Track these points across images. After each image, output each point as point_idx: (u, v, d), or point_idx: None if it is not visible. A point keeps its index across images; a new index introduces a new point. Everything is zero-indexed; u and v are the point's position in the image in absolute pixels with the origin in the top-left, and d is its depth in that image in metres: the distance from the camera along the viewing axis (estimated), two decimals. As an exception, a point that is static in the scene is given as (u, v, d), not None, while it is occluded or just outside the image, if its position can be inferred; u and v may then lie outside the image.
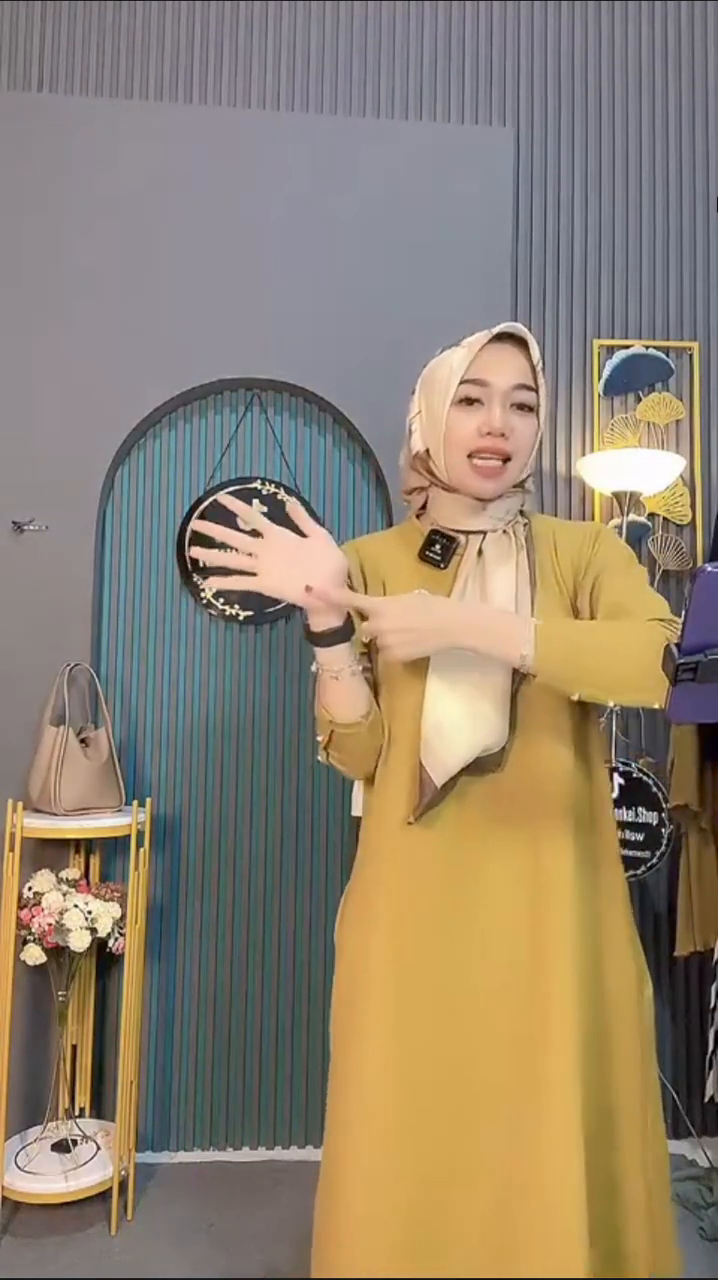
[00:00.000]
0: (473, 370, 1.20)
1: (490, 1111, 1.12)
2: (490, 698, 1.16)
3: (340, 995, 1.23)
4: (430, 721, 1.16)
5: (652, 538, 2.65)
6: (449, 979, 1.16)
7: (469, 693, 1.16)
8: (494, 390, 1.19)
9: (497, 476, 1.21)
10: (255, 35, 2.71)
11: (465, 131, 2.65)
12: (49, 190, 2.49)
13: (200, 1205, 2.21)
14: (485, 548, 1.24)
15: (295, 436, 2.62)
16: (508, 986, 1.15)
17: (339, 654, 1.16)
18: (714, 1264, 2.01)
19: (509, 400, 1.20)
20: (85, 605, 2.43)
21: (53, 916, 2.06)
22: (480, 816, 1.18)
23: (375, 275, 2.55)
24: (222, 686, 2.55)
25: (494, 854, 1.17)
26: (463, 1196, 1.12)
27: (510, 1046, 1.13)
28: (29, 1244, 2.03)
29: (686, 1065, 2.55)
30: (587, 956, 1.16)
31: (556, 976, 1.13)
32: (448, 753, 1.14)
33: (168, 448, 2.60)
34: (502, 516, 1.26)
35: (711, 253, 2.76)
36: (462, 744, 1.14)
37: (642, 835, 2.39)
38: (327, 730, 1.21)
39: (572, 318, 2.73)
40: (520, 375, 1.20)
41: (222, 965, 2.49)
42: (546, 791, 1.18)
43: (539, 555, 1.26)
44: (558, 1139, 1.08)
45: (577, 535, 1.29)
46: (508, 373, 1.20)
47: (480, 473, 1.20)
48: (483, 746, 1.15)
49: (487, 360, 1.20)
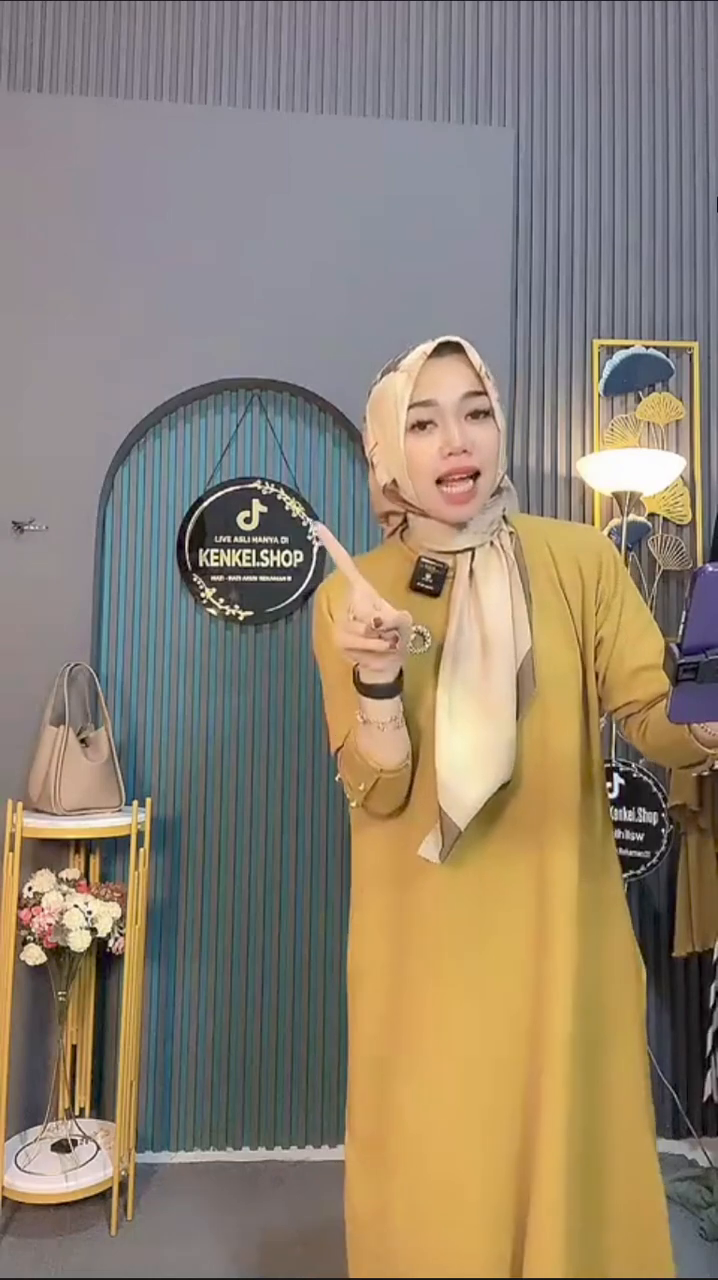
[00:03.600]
0: (418, 392, 1.14)
1: (501, 1127, 1.14)
2: (501, 731, 1.14)
3: (372, 1012, 1.23)
4: (445, 760, 1.14)
5: (652, 538, 2.65)
6: (467, 995, 1.16)
7: (479, 729, 1.14)
8: (444, 407, 1.14)
9: (470, 500, 1.15)
10: (255, 35, 2.71)
11: (465, 131, 2.65)
12: (49, 190, 2.49)
13: (200, 1205, 2.21)
14: (476, 568, 1.19)
15: (295, 436, 2.62)
16: (515, 1005, 1.15)
17: (393, 705, 1.11)
18: (714, 1264, 2.01)
19: (462, 412, 1.15)
20: (85, 605, 2.43)
21: (53, 916, 2.06)
22: (492, 834, 1.17)
23: (376, 275, 2.55)
24: (222, 686, 2.55)
25: (504, 870, 1.17)
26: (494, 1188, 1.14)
27: (511, 1062, 1.14)
28: (29, 1244, 2.03)
29: (685, 1065, 2.55)
30: (589, 967, 1.16)
31: (557, 988, 1.13)
32: (468, 791, 1.13)
33: (168, 448, 2.60)
34: (485, 530, 1.21)
35: (711, 253, 2.76)
36: (480, 782, 1.13)
37: (642, 835, 2.39)
38: (372, 779, 1.16)
39: (572, 318, 2.73)
40: (467, 383, 1.15)
41: (221, 965, 2.49)
42: (554, 805, 1.17)
43: (533, 563, 1.22)
44: (546, 1158, 1.10)
45: (576, 543, 1.25)
46: (454, 385, 1.15)
47: (453, 500, 1.15)
48: (501, 781, 1.14)
49: (429, 378, 1.15)
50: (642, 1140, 1.19)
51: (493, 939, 1.16)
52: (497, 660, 1.15)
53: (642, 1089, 1.21)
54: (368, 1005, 1.23)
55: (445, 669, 1.16)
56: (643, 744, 1.19)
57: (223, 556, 2.56)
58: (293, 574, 2.56)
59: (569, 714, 1.19)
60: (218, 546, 2.56)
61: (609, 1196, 1.16)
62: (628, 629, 1.21)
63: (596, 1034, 1.16)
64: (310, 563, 2.56)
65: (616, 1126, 1.17)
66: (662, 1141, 2.53)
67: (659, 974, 2.58)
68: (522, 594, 1.19)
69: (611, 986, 1.19)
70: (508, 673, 1.15)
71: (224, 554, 2.56)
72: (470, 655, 1.16)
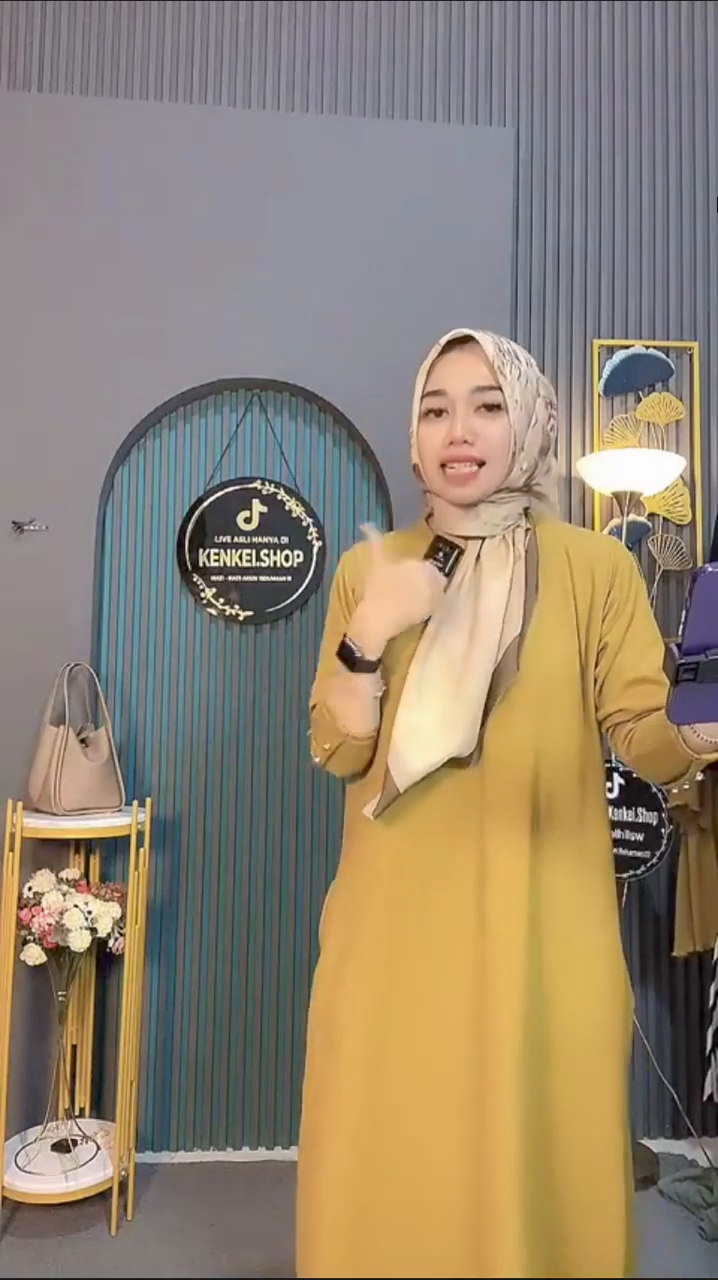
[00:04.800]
0: (431, 382, 1.21)
1: (451, 1111, 1.15)
2: (466, 708, 1.16)
3: (324, 983, 1.26)
4: (402, 726, 1.17)
5: (652, 538, 2.65)
6: (413, 977, 1.18)
7: (444, 703, 1.17)
8: (453, 398, 1.20)
9: (469, 482, 1.20)
10: (255, 35, 2.71)
11: (466, 132, 2.65)
12: (48, 190, 2.49)
13: (200, 1205, 2.21)
14: (483, 556, 1.23)
15: (295, 436, 2.62)
16: (457, 989, 1.16)
17: (371, 681, 1.19)
18: (714, 1264, 2.01)
19: (471, 405, 1.19)
20: (85, 605, 2.43)
21: (53, 916, 2.06)
22: (447, 813, 1.20)
23: (375, 275, 2.55)
24: (222, 686, 2.55)
25: (451, 851, 1.19)
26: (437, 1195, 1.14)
27: (464, 1050, 1.15)
28: (29, 1244, 2.03)
29: (685, 1065, 2.56)
30: (533, 957, 1.15)
31: (500, 977, 1.14)
32: (415, 758, 1.16)
33: (168, 448, 2.60)
34: (498, 523, 1.24)
35: (711, 253, 2.76)
36: (429, 752, 1.16)
37: (642, 835, 2.39)
38: (337, 741, 1.23)
39: (572, 318, 2.73)
40: (479, 378, 1.19)
41: (221, 965, 2.49)
42: (524, 793, 1.18)
43: (547, 565, 1.24)
44: (497, 1144, 1.11)
45: (594, 550, 1.27)
46: (464, 377, 1.19)
47: (453, 481, 1.20)
48: (450, 754, 1.17)
49: (443, 370, 1.21)
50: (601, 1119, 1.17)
51: (434, 914, 1.18)
52: (482, 641, 1.17)
53: (601, 1080, 1.18)
54: (324, 960, 1.28)
55: (425, 641, 1.19)
56: (628, 753, 1.20)
57: (223, 556, 2.56)
58: (293, 574, 2.56)
59: (562, 710, 1.20)
60: (218, 546, 2.56)
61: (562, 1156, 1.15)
62: (634, 641, 1.22)
63: (540, 1020, 1.15)
64: (310, 563, 2.56)
65: (572, 1129, 1.15)
66: (662, 1141, 2.53)
67: (659, 974, 2.58)
68: (523, 586, 1.20)
69: (572, 980, 1.17)
70: (489, 655, 1.17)
71: (224, 554, 2.56)
72: (457, 632, 1.19)
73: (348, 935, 1.24)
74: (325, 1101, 1.20)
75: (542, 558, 1.24)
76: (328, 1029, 1.22)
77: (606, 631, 1.23)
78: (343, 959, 1.24)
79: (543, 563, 1.24)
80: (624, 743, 1.20)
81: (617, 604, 1.23)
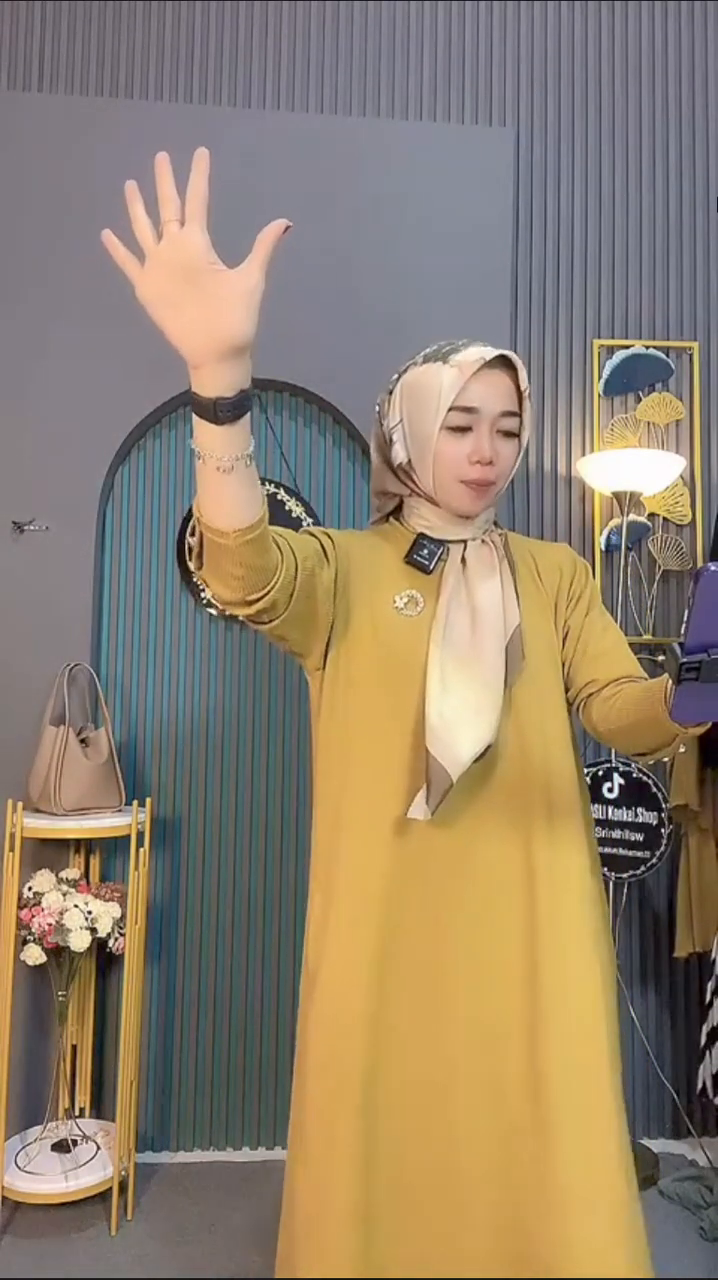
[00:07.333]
0: (464, 397, 1.20)
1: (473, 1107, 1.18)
2: (491, 695, 1.18)
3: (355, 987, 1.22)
4: (435, 711, 1.16)
5: (652, 538, 2.65)
6: (458, 973, 1.18)
7: (469, 691, 1.18)
8: (484, 418, 1.21)
9: (484, 497, 1.24)
10: (255, 35, 2.71)
11: (465, 131, 2.65)
12: (48, 190, 2.49)
13: (200, 1205, 2.21)
14: (468, 556, 1.27)
15: (295, 436, 2.62)
16: (507, 985, 1.18)
17: (241, 432, 0.94)
18: (714, 1264, 2.01)
19: (496, 427, 1.22)
20: (85, 605, 2.43)
21: (53, 916, 2.06)
22: (470, 808, 1.20)
23: (375, 275, 2.55)
24: (222, 686, 2.55)
25: (487, 842, 1.20)
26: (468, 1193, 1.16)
27: (487, 1041, 1.18)
28: (29, 1244, 2.03)
29: (685, 1065, 2.56)
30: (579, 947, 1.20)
31: (547, 973, 1.17)
32: (466, 745, 1.15)
33: (168, 448, 2.60)
34: (481, 526, 1.30)
35: (711, 253, 2.77)
36: (468, 738, 1.15)
37: (642, 835, 2.39)
38: (218, 539, 1.01)
39: (572, 318, 2.73)
40: (508, 402, 1.22)
41: (222, 965, 2.49)
42: (535, 782, 1.22)
43: (520, 570, 1.31)
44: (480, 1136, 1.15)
45: (554, 554, 1.36)
46: (498, 400, 1.21)
47: (470, 493, 1.23)
48: (485, 742, 1.16)
49: (478, 387, 1.20)
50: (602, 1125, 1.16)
51: (481, 912, 1.19)
52: (486, 633, 1.21)
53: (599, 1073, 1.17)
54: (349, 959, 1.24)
55: (438, 632, 1.21)
56: (605, 724, 1.20)
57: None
58: (293, 574, 2.56)
59: (557, 695, 1.28)
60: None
61: None
62: (595, 621, 1.32)
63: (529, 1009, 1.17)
64: (310, 563, 2.56)
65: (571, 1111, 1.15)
66: (662, 1141, 2.53)
67: (659, 974, 2.58)
68: (511, 580, 1.27)
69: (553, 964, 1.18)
70: (497, 645, 1.20)
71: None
72: (460, 627, 1.22)
73: (381, 936, 1.19)
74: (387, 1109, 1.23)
75: (515, 559, 1.32)
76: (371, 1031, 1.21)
77: (569, 616, 1.32)
78: (383, 957, 1.18)
79: (518, 563, 1.32)
80: (602, 713, 1.21)
81: (577, 593, 1.34)
